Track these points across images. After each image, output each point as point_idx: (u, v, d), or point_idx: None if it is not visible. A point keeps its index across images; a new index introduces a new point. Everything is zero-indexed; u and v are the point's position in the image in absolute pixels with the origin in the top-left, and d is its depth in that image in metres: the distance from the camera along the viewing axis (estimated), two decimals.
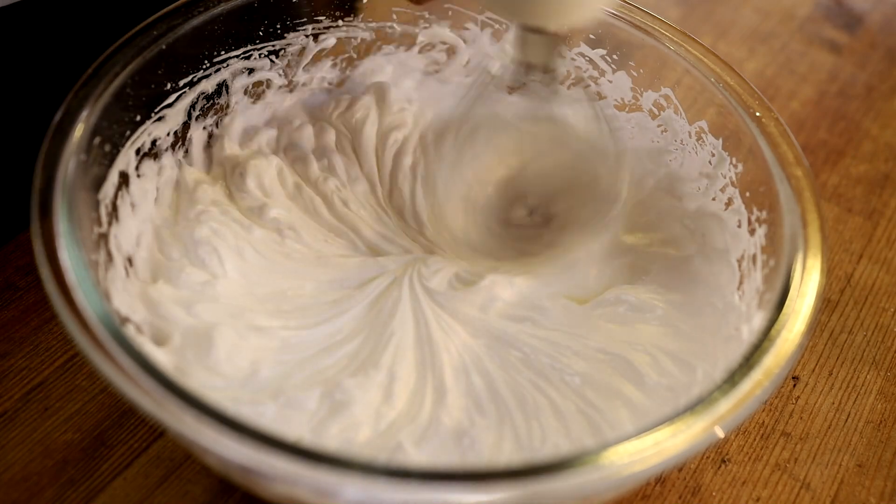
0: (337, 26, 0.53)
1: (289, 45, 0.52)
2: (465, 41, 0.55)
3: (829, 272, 0.55)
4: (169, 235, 0.46)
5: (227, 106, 0.51)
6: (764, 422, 0.49)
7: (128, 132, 0.43)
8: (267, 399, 0.40)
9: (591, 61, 0.54)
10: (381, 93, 0.55)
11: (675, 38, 0.49)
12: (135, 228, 0.43)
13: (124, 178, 0.43)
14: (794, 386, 0.51)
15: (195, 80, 0.48)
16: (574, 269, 0.49)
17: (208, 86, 0.49)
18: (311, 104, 0.55)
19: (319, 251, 0.49)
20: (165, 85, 0.46)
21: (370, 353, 0.44)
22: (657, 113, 0.52)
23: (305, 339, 0.44)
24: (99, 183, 0.41)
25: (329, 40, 0.53)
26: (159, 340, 0.41)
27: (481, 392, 0.43)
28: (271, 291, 0.46)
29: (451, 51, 0.55)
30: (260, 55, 0.51)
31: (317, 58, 0.53)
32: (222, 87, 0.50)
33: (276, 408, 0.40)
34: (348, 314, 0.46)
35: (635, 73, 0.52)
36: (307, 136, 0.53)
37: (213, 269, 0.45)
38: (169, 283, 0.43)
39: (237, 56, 0.49)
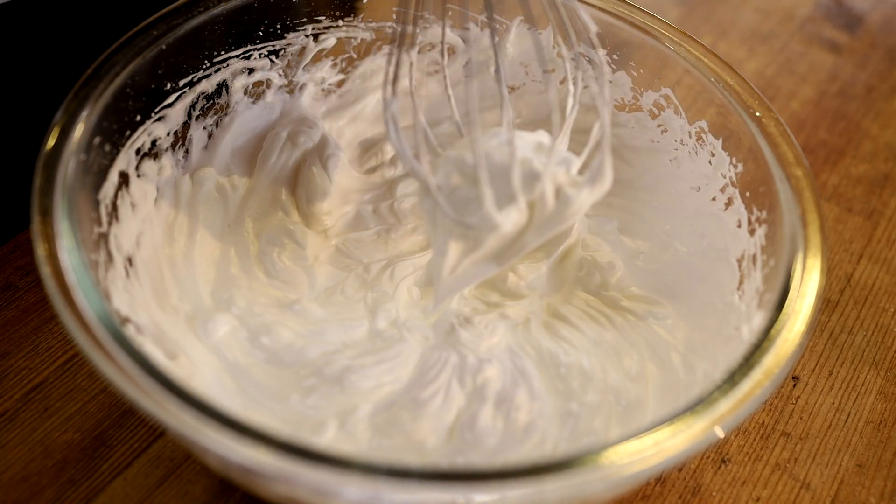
0: (337, 26, 0.53)
1: (289, 45, 0.52)
2: (464, 41, 0.55)
3: (829, 272, 0.55)
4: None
5: (227, 106, 0.51)
6: (764, 422, 0.49)
7: (128, 132, 0.43)
8: None
9: (591, 61, 0.54)
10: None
11: (675, 38, 0.49)
12: (135, 228, 0.43)
13: (124, 178, 0.43)
14: (794, 386, 0.51)
15: (195, 80, 0.48)
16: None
17: (208, 86, 0.49)
18: None
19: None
20: (165, 85, 0.46)
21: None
22: (657, 113, 0.52)
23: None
24: (99, 183, 0.41)
25: (329, 40, 0.53)
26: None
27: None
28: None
29: (451, 51, 0.55)
30: (260, 55, 0.51)
31: (317, 58, 0.53)
32: (222, 87, 0.50)
33: None
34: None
35: (635, 73, 0.52)
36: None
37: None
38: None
39: (237, 56, 0.49)
